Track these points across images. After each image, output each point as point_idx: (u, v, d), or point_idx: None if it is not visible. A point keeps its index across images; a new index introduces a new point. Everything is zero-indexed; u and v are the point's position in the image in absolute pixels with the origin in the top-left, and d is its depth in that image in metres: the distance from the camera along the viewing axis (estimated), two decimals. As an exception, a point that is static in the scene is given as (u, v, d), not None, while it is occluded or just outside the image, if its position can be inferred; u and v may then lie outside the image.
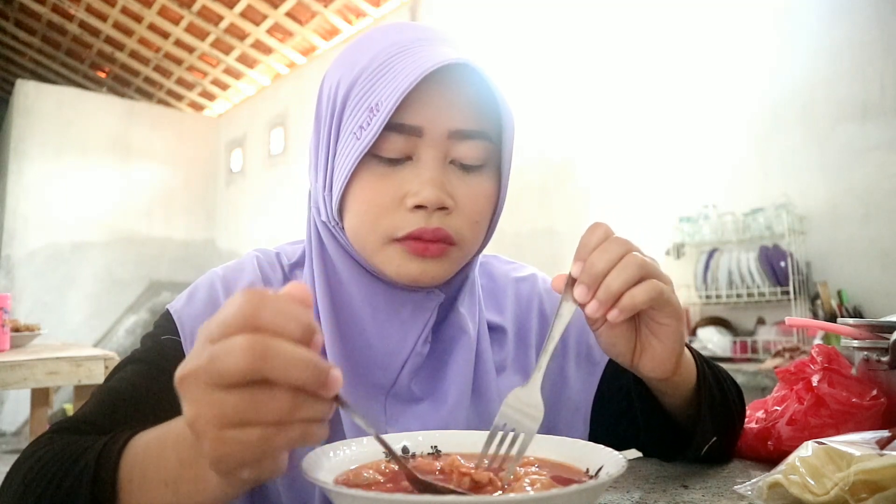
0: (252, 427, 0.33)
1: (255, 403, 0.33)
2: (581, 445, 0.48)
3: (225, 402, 0.33)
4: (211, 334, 0.34)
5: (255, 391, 0.33)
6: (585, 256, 0.51)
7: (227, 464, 0.35)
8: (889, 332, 0.68)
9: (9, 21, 6.93)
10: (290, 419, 0.34)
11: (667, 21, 3.38)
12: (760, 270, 2.70)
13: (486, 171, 0.61)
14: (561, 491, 0.36)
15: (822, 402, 0.66)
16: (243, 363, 0.32)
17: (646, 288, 0.49)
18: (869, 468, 0.45)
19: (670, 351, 0.54)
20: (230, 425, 0.33)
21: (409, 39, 0.58)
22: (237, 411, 0.33)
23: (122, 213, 7.08)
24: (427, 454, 0.50)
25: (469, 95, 0.58)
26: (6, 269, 6.30)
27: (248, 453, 0.34)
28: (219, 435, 0.34)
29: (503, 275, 0.76)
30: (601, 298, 0.49)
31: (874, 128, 2.61)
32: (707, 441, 0.63)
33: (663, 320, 0.53)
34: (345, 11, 5.60)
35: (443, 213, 0.58)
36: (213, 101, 7.81)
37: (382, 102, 0.54)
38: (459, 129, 0.58)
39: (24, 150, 6.55)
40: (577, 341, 0.73)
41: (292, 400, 0.34)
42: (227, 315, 0.34)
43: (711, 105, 3.16)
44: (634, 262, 0.50)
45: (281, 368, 0.33)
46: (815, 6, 2.82)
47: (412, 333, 0.63)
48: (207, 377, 0.33)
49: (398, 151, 0.58)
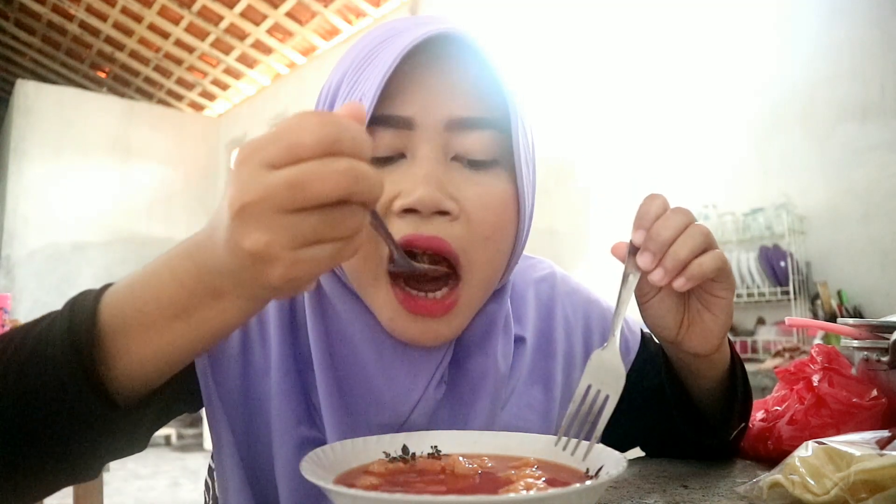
0: (326, 244, 0.34)
1: (333, 222, 0.34)
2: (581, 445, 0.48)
3: (304, 223, 0.33)
4: (272, 159, 0.33)
5: (333, 209, 0.34)
6: (647, 225, 0.50)
7: (297, 284, 0.35)
8: (889, 332, 0.68)
9: (9, 21, 6.93)
10: (358, 231, 0.35)
11: (667, 21, 3.38)
12: (760, 270, 2.70)
13: (499, 170, 0.52)
14: (560, 491, 0.36)
15: (823, 401, 0.66)
16: (342, 187, 0.33)
17: (713, 257, 0.49)
18: (869, 468, 0.45)
19: (722, 325, 0.53)
20: (306, 244, 0.34)
21: (404, 26, 0.51)
22: (316, 231, 0.33)
23: (122, 213, 7.08)
24: (427, 454, 0.50)
25: (467, 77, 0.50)
26: (6, 269, 6.30)
27: (319, 269, 0.35)
28: (294, 256, 0.34)
29: (521, 276, 0.69)
30: (668, 266, 0.48)
31: (874, 128, 2.61)
32: (736, 426, 0.62)
33: (720, 293, 0.52)
34: (345, 11, 5.60)
35: (444, 220, 0.49)
36: (214, 101, 7.81)
37: (366, 93, 0.47)
38: (458, 116, 0.49)
39: (24, 150, 6.56)
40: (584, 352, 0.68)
41: (364, 214, 0.35)
42: (298, 138, 0.33)
43: (711, 105, 3.16)
44: (700, 231, 0.49)
45: (369, 193, 0.34)
46: (815, 6, 2.82)
47: (423, 376, 0.54)
48: (289, 202, 0.33)
49: (388, 148, 0.50)
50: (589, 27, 3.76)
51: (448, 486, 0.42)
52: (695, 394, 0.63)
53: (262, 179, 0.33)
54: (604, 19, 3.69)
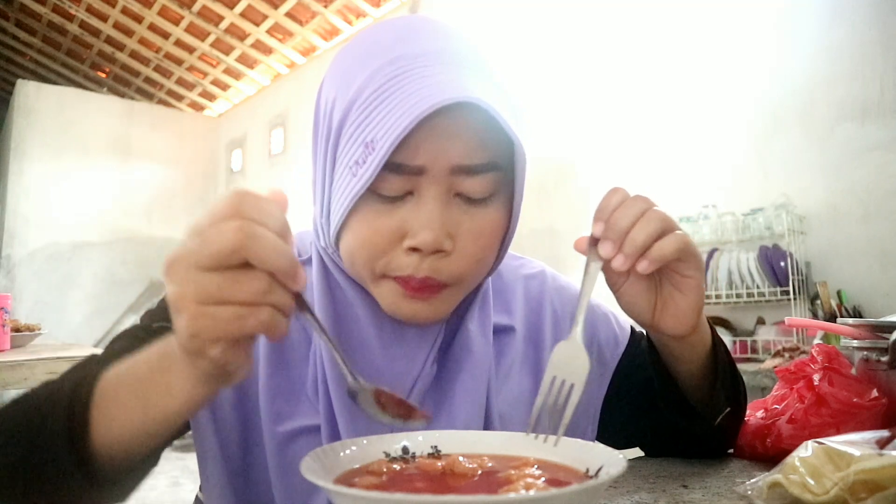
0: (229, 305, 0.38)
1: (234, 282, 0.38)
2: (581, 445, 0.48)
3: (208, 280, 0.38)
4: (199, 226, 0.38)
5: (236, 272, 0.38)
6: (606, 216, 0.52)
7: (201, 340, 0.38)
8: (889, 332, 0.68)
9: (9, 21, 6.93)
10: (262, 301, 0.38)
11: (667, 21, 3.38)
12: (760, 270, 2.70)
13: (495, 202, 0.56)
14: (560, 491, 0.36)
15: (823, 401, 0.66)
16: (231, 243, 0.37)
17: (673, 239, 0.51)
18: (869, 468, 0.45)
19: (693, 304, 0.55)
20: (210, 301, 0.38)
21: (413, 55, 0.52)
22: (219, 288, 0.38)
23: (123, 213, 7.08)
24: (427, 454, 0.50)
25: (475, 128, 0.52)
26: (6, 269, 6.30)
27: (221, 329, 0.38)
28: (197, 310, 0.38)
29: (511, 272, 0.74)
30: (627, 252, 0.50)
31: (874, 128, 2.61)
32: (722, 410, 0.63)
33: (688, 272, 0.54)
34: (345, 11, 5.60)
35: (438, 257, 0.54)
36: (214, 101, 7.81)
37: (378, 140, 0.50)
38: (464, 164, 0.53)
39: (24, 150, 6.56)
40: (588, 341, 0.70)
41: (268, 283, 0.38)
42: (216, 208, 0.39)
43: (711, 105, 3.16)
44: (657, 216, 0.51)
45: (262, 251, 0.37)
46: (815, 6, 2.82)
47: (420, 355, 0.60)
48: (196, 259, 0.38)
49: (397, 190, 0.53)
50: (589, 27, 3.76)
51: (448, 486, 0.42)
52: (681, 380, 0.65)
53: (188, 241, 0.39)
54: (604, 19, 3.69)
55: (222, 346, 0.39)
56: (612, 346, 0.72)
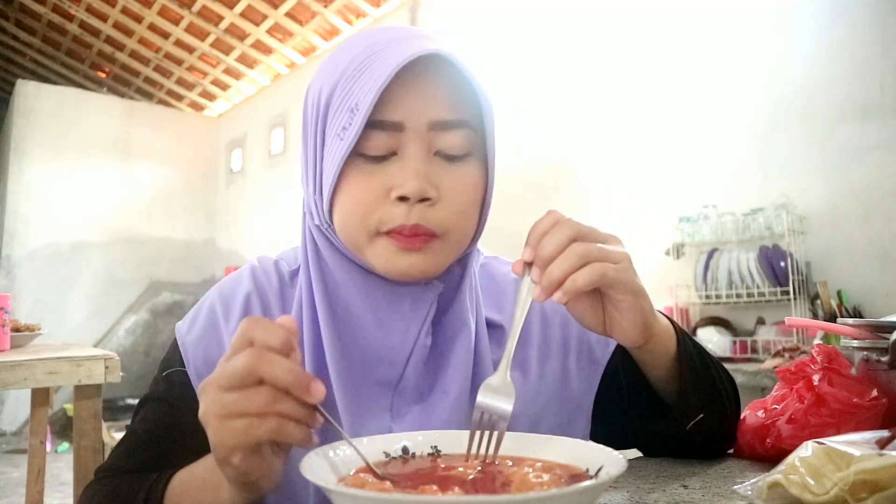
0: (241, 417, 0.44)
1: (245, 399, 0.44)
2: (581, 445, 0.48)
3: (226, 398, 0.44)
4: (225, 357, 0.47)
5: (248, 390, 0.44)
6: (535, 242, 0.55)
7: (223, 449, 0.45)
8: (889, 332, 0.68)
9: (9, 21, 6.93)
10: (269, 411, 0.44)
11: (667, 21, 3.38)
12: (760, 270, 2.70)
13: (472, 161, 0.62)
14: (561, 491, 0.36)
15: (823, 401, 0.66)
16: (244, 366, 0.44)
17: (587, 272, 0.53)
18: (869, 468, 0.45)
19: (632, 322, 0.57)
20: (227, 416, 0.44)
21: (386, 40, 0.60)
22: (234, 404, 0.44)
23: (123, 213, 7.08)
24: (427, 454, 0.50)
25: (447, 86, 0.59)
26: (6, 269, 6.30)
27: (237, 439, 0.44)
28: (218, 424, 0.45)
29: (503, 275, 0.77)
30: (543, 285, 0.54)
31: (874, 128, 2.61)
32: (693, 417, 0.64)
33: (618, 296, 0.56)
34: (345, 11, 5.60)
35: (425, 206, 0.59)
36: (214, 101, 7.81)
37: (361, 101, 0.56)
38: (440, 119, 0.59)
39: (24, 150, 6.55)
40: (578, 340, 0.73)
41: (273, 395, 0.44)
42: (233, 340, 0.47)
43: (711, 105, 3.16)
44: (576, 252, 0.53)
45: (269, 368, 0.44)
46: (815, 7, 2.82)
47: (414, 326, 0.64)
48: (218, 382, 0.45)
49: (382, 148, 0.59)
50: (589, 27, 3.76)
51: (448, 486, 0.42)
52: (652, 382, 0.68)
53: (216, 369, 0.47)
54: (604, 19, 3.69)
55: (240, 454, 0.45)
56: (603, 344, 0.74)
